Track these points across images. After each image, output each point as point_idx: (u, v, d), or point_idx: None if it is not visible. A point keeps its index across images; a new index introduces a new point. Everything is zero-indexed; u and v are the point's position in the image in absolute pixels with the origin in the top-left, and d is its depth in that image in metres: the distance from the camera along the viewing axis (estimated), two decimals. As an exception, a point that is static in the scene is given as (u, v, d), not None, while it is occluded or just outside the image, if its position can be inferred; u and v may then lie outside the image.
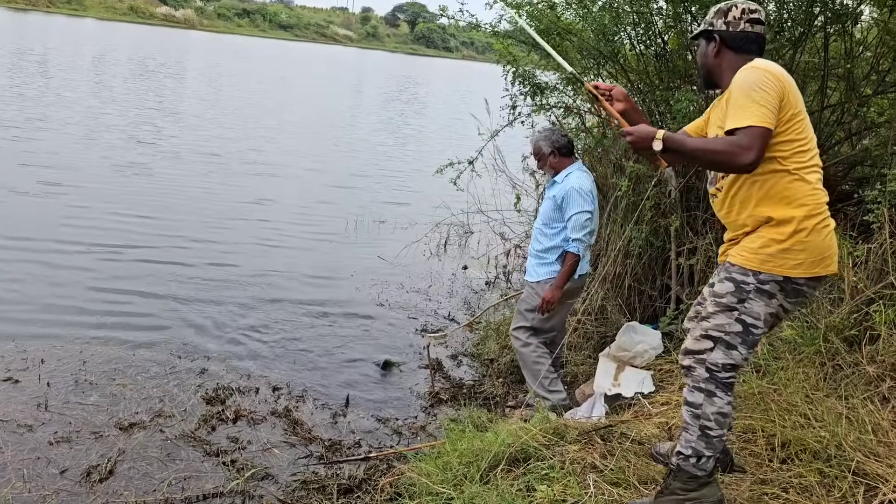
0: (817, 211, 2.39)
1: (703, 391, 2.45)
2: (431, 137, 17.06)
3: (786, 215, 2.37)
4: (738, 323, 2.41)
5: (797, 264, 2.36)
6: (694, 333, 2.50)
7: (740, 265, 2.43)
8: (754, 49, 2.54)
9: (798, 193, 2.38)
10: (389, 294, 6.59)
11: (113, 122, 13.09)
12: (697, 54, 2.68)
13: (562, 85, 5.46)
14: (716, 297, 2.47)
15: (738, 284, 2.42)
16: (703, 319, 2.48)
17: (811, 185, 2.40)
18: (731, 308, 2.42)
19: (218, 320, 5.48)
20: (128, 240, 7.02)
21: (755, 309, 2.40)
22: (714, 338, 2.44)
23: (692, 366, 2.48)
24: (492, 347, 5.42)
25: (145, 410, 4.15)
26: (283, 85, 26.12)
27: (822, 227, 2.39)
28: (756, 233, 2.44)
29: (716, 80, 2.63)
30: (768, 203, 2.41)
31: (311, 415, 4.35)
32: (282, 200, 9.43)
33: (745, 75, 2.38)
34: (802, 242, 2.36)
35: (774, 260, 2.37)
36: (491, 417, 4.24)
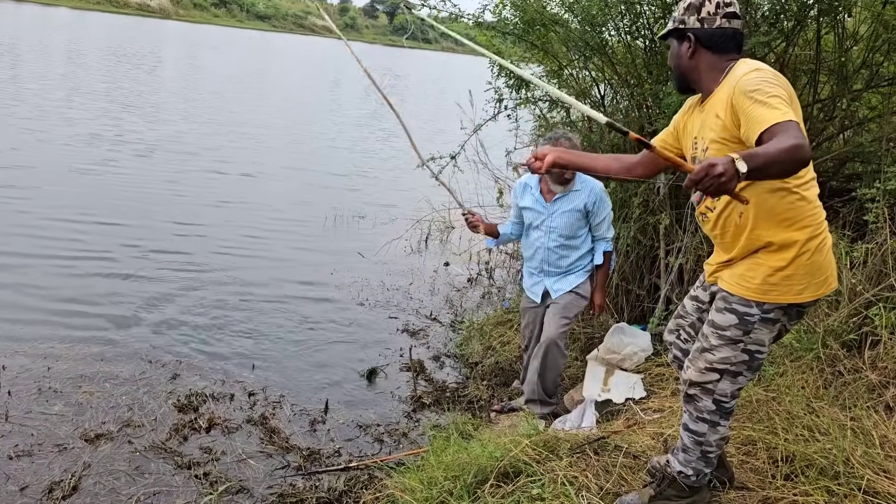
0: (819, 231, 2.23)
1: (707, 422, 2.36)
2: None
3: (788, 239, 2.20)
4: (743, 353, 2.29)
5: (802, 289, 2.22)
6: (697, 364, 2.36)
7: (741, 296, 2.27)
8: (732, 46, 2.30)
9: (800, 214, 2.20)
10: (370, 292, 6.41)
11: (77, 116, 12.67)
12: (669, 55, 2.43)
13: (547, 77, 5.30)
14: (718, 330, 2.31)
15: (741, 317, 2.27)
16: (705, 351, 2.34)
17: (812, 203, 2.23)
18: (736, 341, 2.28)
19: (190, 323, 5.27)
20: (92, 242, 6.72)
21: (760, 337, 2.28)
22: (720, 370, 2.32)
23: (697, 395, 2.36)
24: (475, 348, 5.26)
25: (113, 420, 3.94)
26: (259, 77, 25.73)
27: (822, 246, 2.24)
28: (753, 258, 2.26)
29: (692, 83, 2.38)
30: (768, 226, 2.22)
31: (288, 422, 4.17)
32: (256, 197, 9.18)
33: (751, 77, 2.11)
34: (805, 266, 2.20)
35: (778, 288, 2.22)
36: (476, 423, 4.10)
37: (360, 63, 3.93)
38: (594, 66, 5.06)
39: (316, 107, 19.35)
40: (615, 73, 4.94)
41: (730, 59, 2.28)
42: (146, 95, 16.38)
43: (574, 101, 2.17)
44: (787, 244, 2.20)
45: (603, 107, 5.28)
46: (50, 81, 16.19)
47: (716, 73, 2.28)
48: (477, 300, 6.56)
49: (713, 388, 2.33)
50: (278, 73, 28.18)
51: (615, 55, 4.96)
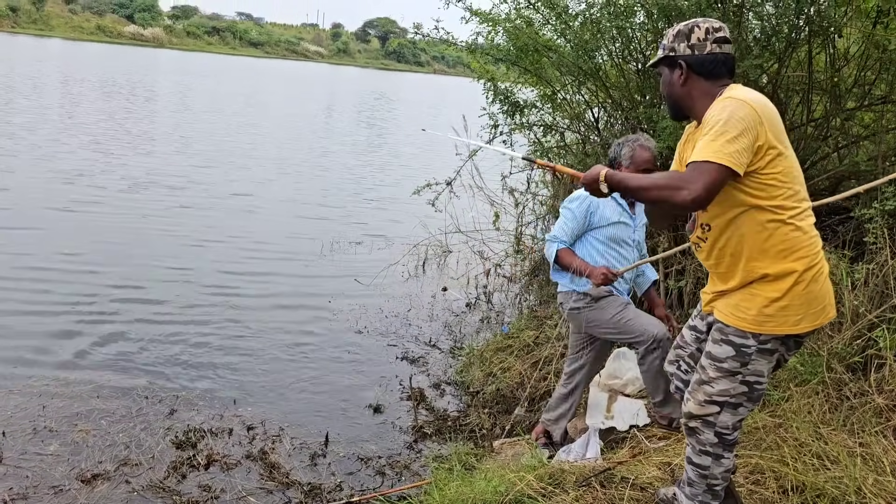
0: (815, 261, 2.20)
1: (710, 455, 2.34)
2: (405, 155, 16.88)
3: (783, 270, 2.18)
4: (742, 385, 2.27)
5: (799, 319, 2.20)
6: (696, 397, 2.33)
7: (737, 327, 2.24)
8: (724, 72, 2.29)
9: (796, 245, 2.18)
10: (368, 320, 6.37)
11: (71, 150, 12.67)
12: (661, 83, 2.43)
13: (541, 102, 5.31)
14: (715, 362, 2.29)
15: (738, 348, 2.24)
16: (704, 384, 2.31)
17: (807, 233, 2.20)
18: (734, 373, 2.26)
19: (186, 356, 5.21)
20: (85, 274, 6.66)
21: (758, 368, 2.26)
22: (720, 402, 2.29)
23: (698, 428, 2.33)
24: (476, 375, 5.21)
25: (110, 459, 3.88)
26: (252, 105, 25.80)
27: (819, 276, 2.21)
28: (748, 289, 2.24)
29: (686, 111, 2.37)
30: (763, 257, 2.20)
31: (288, 456, 4.11)
32: (251, 225, 9.15)
33: (720, 107, 2.13)
34: (801, 296, 2.18)
35: (774, 319, 2.19)
36: (478, 454, 4.05)
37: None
38: (587, 90, 5.07)
39: (309, 134, 19.39)
40: (609, 97, 4.95)
41: (722, 85, 2.27)
42: (140, 127, 16.39)
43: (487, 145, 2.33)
44: (783, 274, 2.18)
45: (597, 130, 5.29)
46: (37, 114, 16.21)
47: (708, 99, 2.26)
48: (476, 325, 6.52)
49: (714, 421, 2.30)
50: (271, 100, 28.27)
51: (608, 79, 4.98)
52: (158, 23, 67.56)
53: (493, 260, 7.64)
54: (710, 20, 2.33)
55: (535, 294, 7.00)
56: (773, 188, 2.15)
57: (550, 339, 5.12)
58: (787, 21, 4.26)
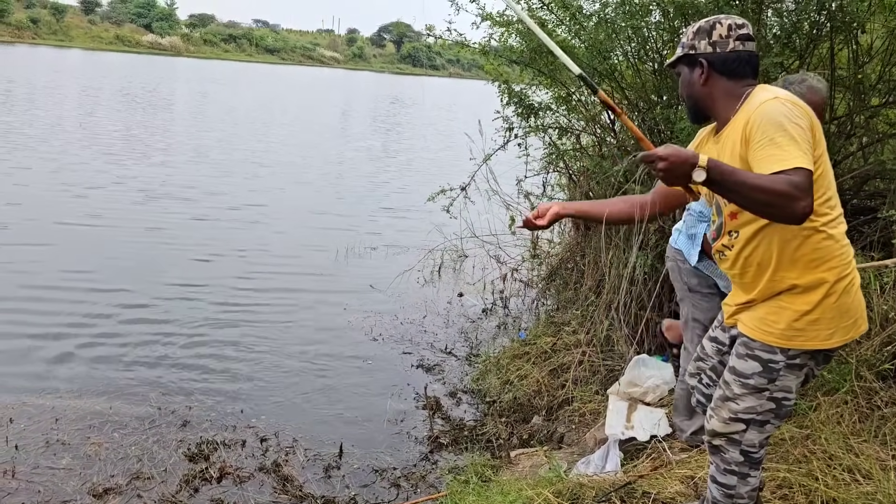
0: (847, 271, 2.08)
1: (736, 474, 2.23)
2: (420, 160, 16.82)
3: (814, 281, 2.05)
4: (769, 402, 2.16)
5: (830, 334, 2.08)
6: (721, 414, 2.22)
7: (764, 342, 2.12)
8: (748, 71, 2.15)
9: (828, 254, 2.05)
10: (383, 327, 6.30)
11: (78, 161, 12.76)
12: (680, 83, 2.28)
13: (555, 104, 5.22)
14: (741, 378, 2.17)
15: (765, 364, 2.13)
16: (728, 400, 2.20)
17: (839, 242, 2.07)
18: (761, 389, 2.14)
19: (199, 366, 5.16)
20: (97, 282, 6.66)
21: (787, 384, 2.14)
22: (745, 420, 2.18)
23: (723, 447, 2.22)
24: (492, 383, 5.11)
25: (122, 473, 3.84)
26: (269, 112, 25.90)
27: (850, 287, 2.09)
28: (776, 301, 2.12)
29: (706, 112, 2.22)
30: (794, 268, 2.07)
31: (301, 469, 4.04)
32: (265, 234, 9.11)
33: (769, 108, 1.96)
34: (833, 309, 2.06)
35: (805, 334, 2.08)
36: (495, 465, 3.96)
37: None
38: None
39: (324, 140, 19.39)
40: (625, 98, 4.85)
41: (747, 85, 2.14)
42: (155, 137, 16.46)
43: (556, 47, 2.20)
44: (813, 286, 2.06)
45: (614, 132, 5.19)
46: (53, 125, 16.34)
47: (732, 100, 2.13)
48: (492, 331, 6.42)
49: (739, 439, 2.19)
50: (287, 107, 28.35)
51: (624, 80, 4.87)
52: (176, 31, 68.30)
53: (510, 265, 7.55)
54: (732, 16, 2.20)
55: (552, 299, 6.89)
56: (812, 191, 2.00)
57: (568, 345, 5.02)
58: (808, 17, 4.14)
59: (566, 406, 4.47)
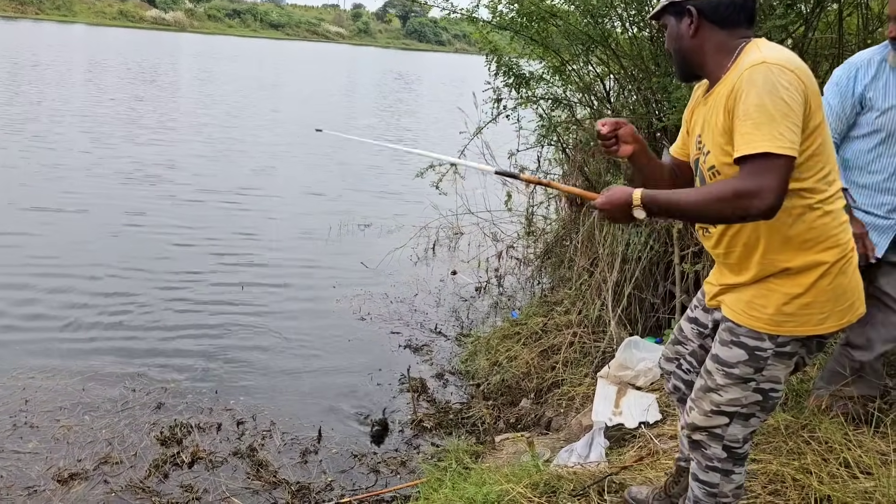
0: (846, 251, 1.88)
1: (719, 471, 2.04)
2: (423, 135, 16.55)
3: (808, 262, 1.85)
4: (755, 393, 1.96)
5: (823, 318, 1.88)
6: (702, 406, 2.03)
7: (750, 327, 1.93)
8: (743, 19, 1.90)
9: (823, 234, 1.85)
10: (372, 306, 6.12)
11: (91, 140, 12.56)
12: (666, 37, 2.03)
13: (549, 74, 4.98)
14: (724, 367, 1.97)
15: (751, 352, 1.93)
16: (710, 391, 2.00)
17: (836, 219, 1.86)
18: (747, 380, 1.95)
19: (178, 346, 5.00)
20: (74, 259, 6.46)
21: (775, 374, 1.94)
22: (729, 413, 1.99)
23: (704, 442, 2.03)
24: (481, 364, 4.94)
25: (90, 457, 3.69)
26: (272, 88, 25.60)
27: (847, 267, 1.88)
28: (765, 284, 1.91)
29: (697, 68, 1.97)
30: (785, 249, 1.87)
31: (277, 453, 3.89)
32: (257, 206, 8.92)
33: (755, 74, 1.74)
34: (827, 291, 1.86)
35: (795, 319, 1.87)
36: (478, 451, 3.80)
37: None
38: (598, 59, 4.73)
39: (326, 115, 19.12)
40: (620, 67, 4.61)
41: (741, 37, 1.89)
42: (153, 115, 16.23)
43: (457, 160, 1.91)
44: (808, 268, 1.86)
45: (609, 102, 4.95)
46: (54, 102, 16.13)
47: (724, 56, 1.89)
48: (485, 311, 6.25)
49: (722, 434, 2.01)
50: (289, 83, 28.03)
51: (620, 48, 4.63)
52: (180, 6, 67.62)
53: (506, 242, 7.35)
54: None
55: (547, 277, 6.70)
56: (805, 167, 1.81)
57: (560, 326, 4.84)
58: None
59: (555, 389, 4.30)
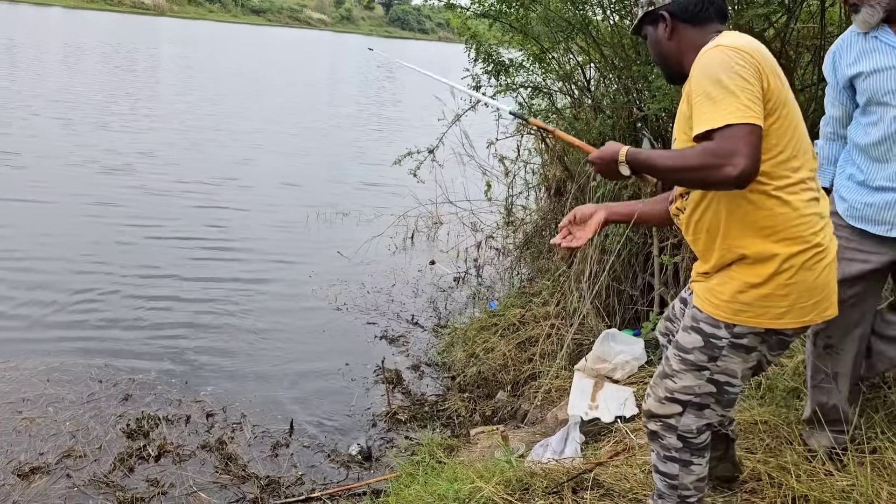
0: (809, 245, 1.81)
1: (677, 461, 2.00)
2: (407, 125, 16.40)
3: (764, 252, 1.80)
4: (709, 384, 1.92)
5: (782, 313, 1.82)
6: (657, 392, 1.99)
7: (709, 314, 1.89)
8: (713, 14, 1.93)
9: (782, 224, 1.79)
10: (349, 296, 6.03)
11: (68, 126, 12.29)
12: (649, 46, 2.07)
13: (528, 62, 4.90)
14: (681, 353, 1.94)
15: (707, 338, 1.89)
16: (666, 377, 1.97)
17: (798, 211, 1.80)
18: (701, 367, 1.91)
19: (147, 337, 4.88)
20: (40, 250, 6.23)
21: (730, 367, 1.90)
22: (682, 402, 1.95)
23: (660, 432, 1.99)
24: (458, 356, 4.87)
25: (53, 450, 3.59)
26: (252, 75, 25.27)
27: (815, 263, 1.81)
28: (726, 272, 1.88)
29: (678, 67, 1.97)
30: (743, 236, 1.83)
31: (247, 447, 3.80)
32: (234, 195, 8.75)
33: (707, 58, 1.76)
34: (786, 286, 1.80)
35: (752, 309, 1.83)
36: (453, 444, 3.74)
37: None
38: (578, 47, 4.65)
39: (305, 104, 18.91)
40: (601, 55, 4.53)
41: (714, 32, 1.91)
42: (130, 101, 15.94)
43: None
44: (764, 257, 1.81)
45: (589, 92, 4.88)
46: (25, 87, 15.79)
47: (698, 52, 1.87)
48: (463, 301, 6.18)
49: (675, 424, 1.97)
50: (272, 71, 27.70)
51: (600, 36, 4.56)
52: (159, -10, 66.55)
53: (485, 231, 7.28)
54: None
55: (527, 267, 6.64)
56: (763, 152, 1.75)
57: (537, 317, 4.78)
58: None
59: (532, 382, 4.25)
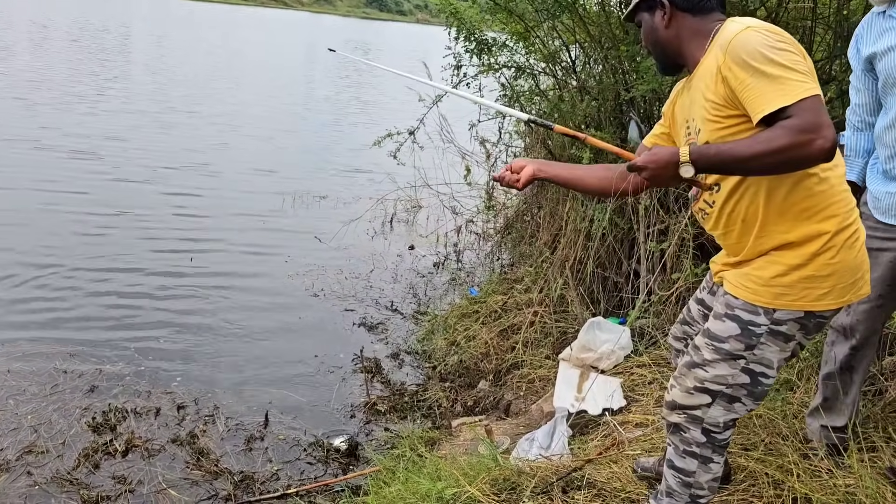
0: (848, 222, 1.75)
1: (697, 457, 1.89)
2: (386, 108, 16.14)
3: (809, 233, 1.73)
4: (744, 374, 1.82)
5: (824, 294, 1.74)
6: (684, 383, 1.89)
7: (746, 300, 1.79)
8: (715, 4, 1.87)
9: (823, 201, 1.73)
10: (325, 282, 5.86)
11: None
12: (643, 34, 1.99)
13: (512, 41, 4.74)
14: (714, 342, 1.84)
15: (744, 326, 1.79)
16: (696, 367, 1.87)
17: (836, 187, 1.75)
18: (737, 356, 1.81)
19: (116, 324, 4.68)
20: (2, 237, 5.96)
21: (767, 356, 1.80)
22: (713, 391, 1.84)
23: (683, 424, 1.88)
24: (438, 344, 4.75)
25: (13, 446, 3.40)
26: (229, 56, 24.79)
27: (854, 241, 1.76)
28: (765, 256, 1.80)
29: (676, 57, 1.92)
30: (783, 220, 1.75)
31: (220, 440, 3.64)
32: (208, 178, 8.51)
33: (744, 39, 1.66)
34: (829, 265, 1.73)
35: (794, 292, 1.74)
36: (434, 437, 3.61)
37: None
38: (563, 26, 4.50)
39: (281, 86, 18.56)
40: (588, 34, 4.39)
41: (715, 20, 1.83)
42: (99, 82, 15.53)
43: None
44: (808, 238, 1.73)
45: (575, 73, 4.74)
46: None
47: (701, 39, 1.83)
48: (443, 287, 6.04)
49: (702, 416, 1.87)
50: (246, 51, 27.20)
51: (587, 14, 4.41)
52: (130, -33, 65.02)
53: (465, 216, 7.13)
54: None
55: (508, 252, 6.52)
56: None
57: (520, 304, 4.66)
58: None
59: (514, 371, 4.13)
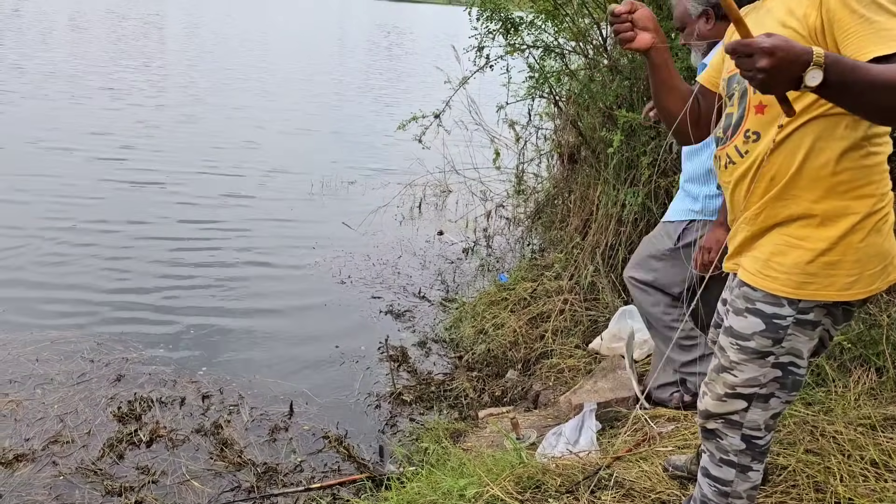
0: (881, 205, 1.58)
1: (735, 466, 1.75)
2: (415, 91, 16.01)
3: (837, 209, 1.56)
4: (775, 369, 1.67)
5: (851, 282, 1.58)
6: (715, 390, 1.75)
7: (767, 290, 1.63)
8: None
9: (864, 178, 1.56)
10: (353, 268, 5.80)
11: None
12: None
13: (540, 20, 4.58)
14: (738, 341, 1.69)
15: (768, 321, 1.64)
16: (724, 371, 1.72)
17: (880, 165, 1.59)
18: (765, 354, 1.66)
19: (141, 311, 4.68)
20: (35, 221, 5.98)
21: (797, 346, 1.65)
22: (746, 395, 1.70)
23: (720, 430, 1.75)
24: (466, 332, 4.65)
25: (39, 436, 3.41)
26: (258, 38, 24.84)
27: (883, 225, 1.59)
28: (784, 236, 1.62)
29: None
30: (813, 187, 1.57)
31: (244, 431, 3.61)
32: (237, 163, 8.49)
33: None
34: (857, 250, 1.57)
35: (818, 280, 1.59)
36: (460, 429, 3.53)
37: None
38: (594, 2, 4.33)
39: (311, 69, 18.52)
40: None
41: None
42: (139, 64, 15.66)
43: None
44: (836, 217, 1.56)
45: (606, 51, 4.57)
46: (23, 58, 15.52)
47: None
48: (472, 274, 5.94)
49: (740, 420, 1.73)
50: (274, 33, 27.24)
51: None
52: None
53: (495, 200, 7.02)
54: None
55: (538, 238, 6.39)
56: None
57: (549, 292, 4.54)
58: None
59: (544, 361, 4.03)
